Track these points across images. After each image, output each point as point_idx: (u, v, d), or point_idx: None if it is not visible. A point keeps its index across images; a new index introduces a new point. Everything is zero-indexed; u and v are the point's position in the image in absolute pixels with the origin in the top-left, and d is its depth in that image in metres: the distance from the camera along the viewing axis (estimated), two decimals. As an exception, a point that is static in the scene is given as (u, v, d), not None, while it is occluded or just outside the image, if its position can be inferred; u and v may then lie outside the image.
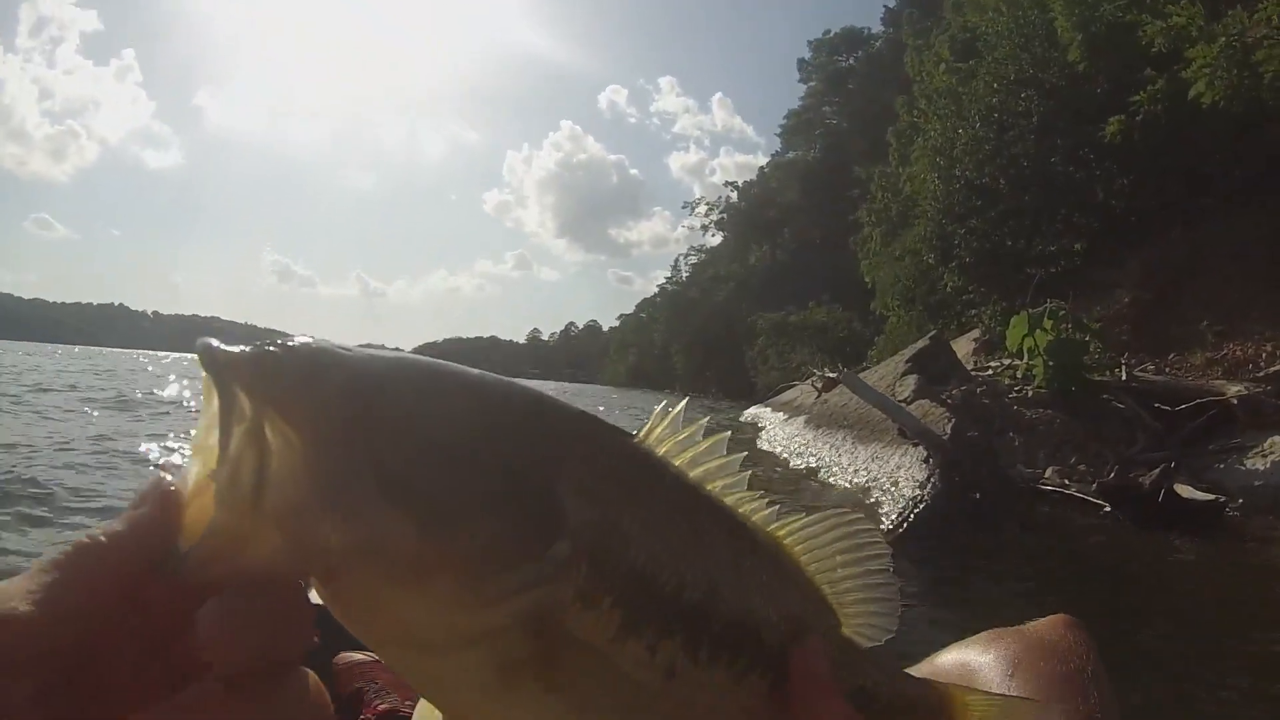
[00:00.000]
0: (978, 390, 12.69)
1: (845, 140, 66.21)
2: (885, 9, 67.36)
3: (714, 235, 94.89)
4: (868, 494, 9.16)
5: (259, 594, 0.42)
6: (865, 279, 33.24)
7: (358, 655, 1.17)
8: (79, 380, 24.74)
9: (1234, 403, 10.44)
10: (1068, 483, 10.21)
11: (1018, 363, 13.83)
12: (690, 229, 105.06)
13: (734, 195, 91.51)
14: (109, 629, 0.41)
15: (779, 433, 16.72)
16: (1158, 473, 8.66)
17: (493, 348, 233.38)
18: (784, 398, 22.43)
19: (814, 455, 12.52)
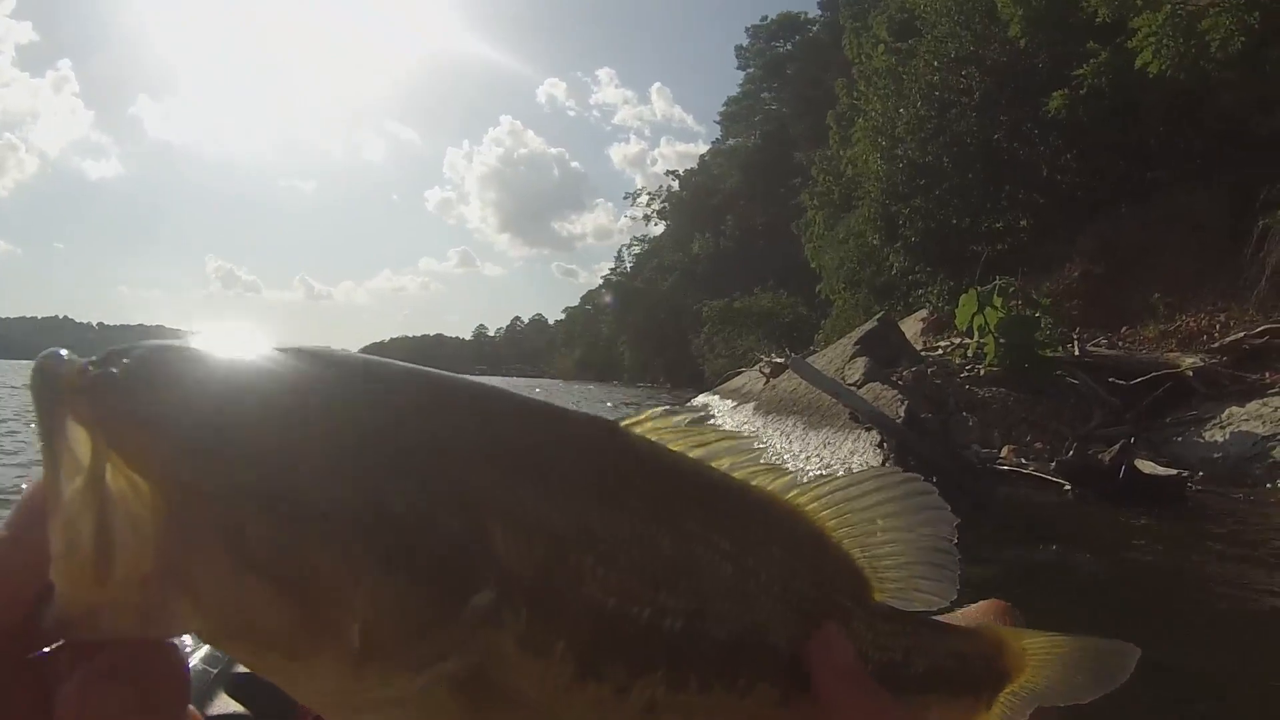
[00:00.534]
0: (929, 370, 12.45)
1: (785, 126, 66.73)
2: (822, -7, 67.95)
3: (657, 225, 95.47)
4: (822, 482, 8.77)
5: (130, 657, 0.33)
6: (810, 263, 33.53)
7: None
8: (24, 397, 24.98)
9: (1189, 375, 10.30)
10: (1024, 461, 10.04)
11: (968, 341, 13.68)
12: (633, 219, 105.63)
13: (675, 184, 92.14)
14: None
15: (728, 421, 16.33)
16: (1117, 449, 8.61)
17: (438, 345, 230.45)
18: (733, 384, 22.08)
19: (765, 443, 12.08)
